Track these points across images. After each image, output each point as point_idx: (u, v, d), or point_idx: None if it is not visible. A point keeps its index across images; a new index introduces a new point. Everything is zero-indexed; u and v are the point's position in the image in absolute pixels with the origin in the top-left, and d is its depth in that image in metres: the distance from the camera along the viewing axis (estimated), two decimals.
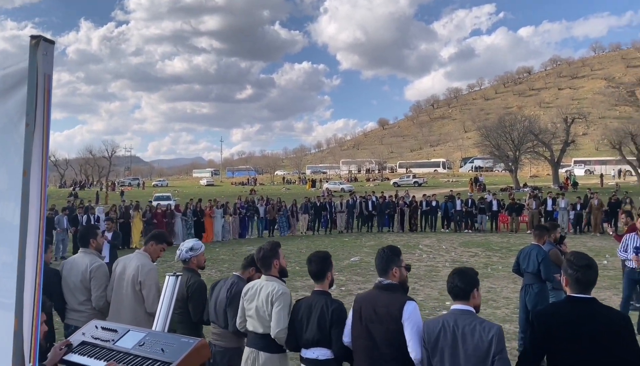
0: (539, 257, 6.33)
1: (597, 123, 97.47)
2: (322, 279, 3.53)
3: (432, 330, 2.92)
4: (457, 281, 2.94)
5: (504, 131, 47.05)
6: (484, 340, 2.77)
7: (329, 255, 3.61)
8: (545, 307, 3.00)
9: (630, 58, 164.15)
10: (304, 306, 3.49)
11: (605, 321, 2.66)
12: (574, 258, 2.85)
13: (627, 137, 46.59)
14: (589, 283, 2.77)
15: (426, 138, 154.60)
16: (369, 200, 22.51)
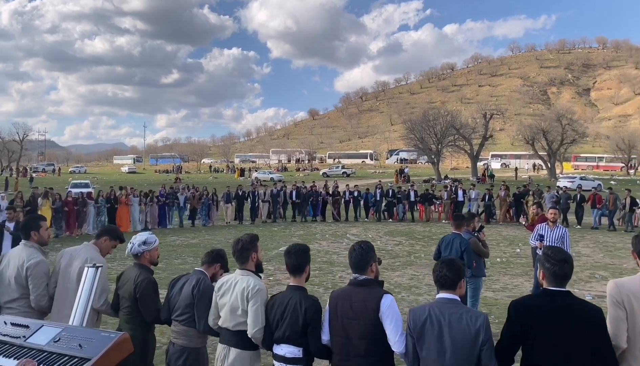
0: (462, 246, 6.61)
1: (513, 119, 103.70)
2: (300, 274, 3.41)
3: (418, 318, 2.93)
4: (447, 271, 2.96)
5: (427, 125, 48.80)
6: (472, 328, 2.80)
7: (308, 248, 3.52)
8: (523, 300, 2.99)
9: (544, 59, 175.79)
10: (278, 302, 3.36)
11: (582, 313, 2.74)
12: (551, 252, 2.91)
13: (540, 133, 49.88)
14: (565, 277, 2.84)
15: (355, 130, 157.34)
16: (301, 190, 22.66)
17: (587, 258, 13.45)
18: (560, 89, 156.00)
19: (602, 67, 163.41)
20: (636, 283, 2.87)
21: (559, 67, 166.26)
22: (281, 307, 3.31)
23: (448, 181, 37.78)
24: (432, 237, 17.10)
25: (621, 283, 2.91)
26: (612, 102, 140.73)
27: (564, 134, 48.89)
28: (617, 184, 38.22)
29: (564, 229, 8.18)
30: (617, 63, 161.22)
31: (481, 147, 50.44)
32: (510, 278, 10.87)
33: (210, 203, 21.18)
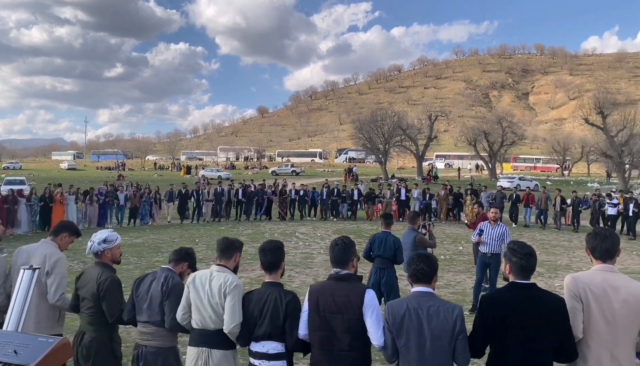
0: (396, 244, 6.85)
1: (456, 121, 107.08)
2: (276, 270, 3.40)
3: (396, 312, 2.97)
4: (423, 265, 3.04)
5: (375, 125, 49.56)
6: (449, 320, 2.89)
7: (282, 245, 3.51)
8: (493, 293, 3.13)
9: (486, 63, 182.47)
10: (255, 299, 3.32)
11: (547, 304, 2.87)
12: (517, 246, 3.03)
13: (481, 135, 51.75)
14: (531, 270, 2.98)
15: (304, 128, 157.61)
16: (247, 186, 22.43)
17: None
18: (501, 92, 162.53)
19: (540, 72, 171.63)
20: (591, 277, 3.00)
21: (500, 72, 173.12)
22: (259, 304, 3.28)
23: (395, 180, 38.55)
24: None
25: (578, 277, 3.04)
26: (549, 107, 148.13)
27: (504, 136, 50.93)
28: (552, 184, 40.25)
29: (504, 227, 8.54)
30: (554, 69, 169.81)
31: (426, 148, 51.77)
32: (454, 274, 11.22)
33: (152, 202, 20.54)
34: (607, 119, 40.73)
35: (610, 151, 39.70)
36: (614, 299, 2.90)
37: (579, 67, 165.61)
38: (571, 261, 13.45)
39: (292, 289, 9.39)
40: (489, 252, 8.44)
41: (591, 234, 3.17)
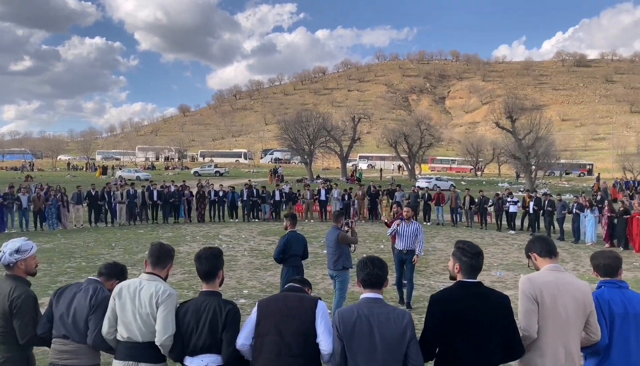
0: (304, 241, 7.43)
1: (378, 123, 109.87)
2: (213, 279, 3.22)
3: (347, 320, 2.93)
4: (378, 269, 3.03)
5: (301, 126, 49.78)
6: (399, 326, 2.88)
7: (220, 252, 3.32)
8: (442, 293, 3.11)
9: (406, 68, 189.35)
10: (192, 309, 3.14)
11: (494, 302, 2.97)
12: (467, 246, 3.10)
13: (401, 137, 53.56)
14: (479, 269, 3.06)
15: (228, 128, 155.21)
16: (163, 188, 21.64)
17: (442, 252, 14.72)
18: (420, 96, 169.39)
19: (455, 78, 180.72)
20: (545, 277, 3.14)
21: (419, 77, 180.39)
22: (196, 315, 3.11)
23: (320, 180, 38.93)
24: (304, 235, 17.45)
25: (533, 277, 3.16)
26: (464, 111, 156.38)
27: (422, 138, 53.04)
28: (466, 184, 42.45)
29: (417, 225, 9.02)
30: (468, 75, 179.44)
31: (350, 149, 52.78)
32: None
33: (59, 205, 19.16)
34: (516, 123, 43.57)
35: (519, 153, 42.51)
36: (565, 296, 3.07)
37: (491, 73, 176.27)
38: (484, 257, 14.21)
39: None
40: (404, 249, 8.81)
41: (532, 239, 3.40)
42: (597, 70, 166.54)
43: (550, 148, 44.54)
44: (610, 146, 78.21)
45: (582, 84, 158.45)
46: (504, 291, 3.28)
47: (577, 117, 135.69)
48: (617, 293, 3.30)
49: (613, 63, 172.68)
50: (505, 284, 10.42)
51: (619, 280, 3.41)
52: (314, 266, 12.21)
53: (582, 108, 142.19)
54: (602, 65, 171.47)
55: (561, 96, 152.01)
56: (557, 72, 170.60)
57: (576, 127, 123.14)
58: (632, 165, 50.29)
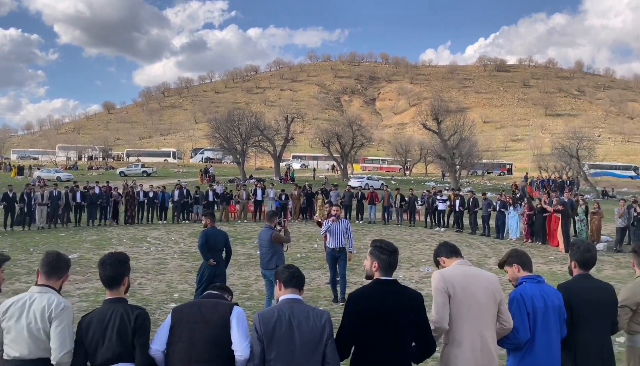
0: (225, 237, 7.84)
1: (311, 123, 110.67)
2: (118, 286, 3.08)
3: (267, 321, 2.94)
4: (299, 272, 3.16)
5: (233, 125, 49.11)
6: (318, 325, 2.94)
7: (127, 258, 3.16)
8: (360, 291, 3.14)
9: (338, 69, 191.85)
10: (96, 320, 2.95)
11: (408, 299, 3.07)
12: (384, 245, 3.16)
13: (334, 137, 54.24)
14: (395, 266, 3.15)
15: (156, 126, 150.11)
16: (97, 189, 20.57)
17: None
18: (352, 97, 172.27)
19: (385, 80, 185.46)
20: (454, 271, 3.34)
21: (350, 78, 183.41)
22: (101, 324, 2.94)
23: (253, 180, 38.60)
24: (237, 236, 17.25)
25: (444, 272, 3.33)
26: (393, 112, 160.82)
27: (354, 138, 53.98)
28: (396, 183, 43.69)
29: (347, 223, 9.27)
30: (397, 77, 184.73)
31: (283, 149, 52.75)
32: (309, 272, 11.56)
33: None
34: (442, 124, 45.44)
35: (444, 153, 44.37)
36: (476, 286, 3.25)
37: (418, 76, 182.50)
38: (412, 253, 14.71)
39: (144, 297, 8.90)
40: (336, 247, 8.97)
41: (437, 247, 3.63)
42: (516, 75, 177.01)
43: (473, 149, 46.88)
44: (528, 147, 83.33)
45: (502, 88, 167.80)
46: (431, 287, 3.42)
47: (497, 119, 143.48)
48: (537, 288, 3.45)
49: (530, 69, 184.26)
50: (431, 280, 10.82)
51: (537, 275, 3.59)
52: (247, 267, 12.11)
53: (502, 111, 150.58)
54: (520, 70, 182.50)
55: (483, 99, 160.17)
56: (479, 76, 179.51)
57: (497, 129, 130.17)
58: (547, 165, 53.88)
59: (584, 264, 3.69)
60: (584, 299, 3.53)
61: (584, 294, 3.55)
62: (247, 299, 9.11)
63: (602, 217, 17.31)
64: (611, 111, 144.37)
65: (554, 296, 3.47)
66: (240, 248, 15.03)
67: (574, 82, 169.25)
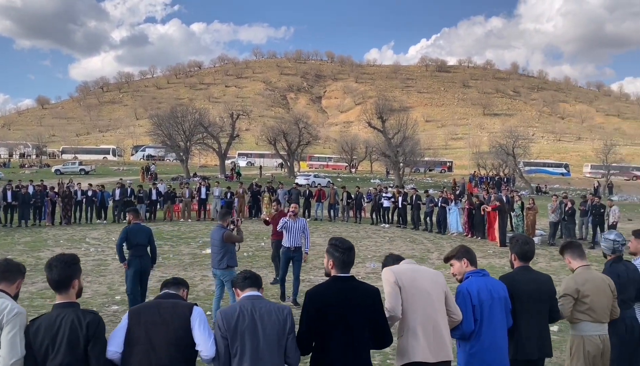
0: (148, 233, 7.86)
1: (257, 121, 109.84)
2: (67, 289, 2.90)
3: (230, 317, 2.98)
4: (251, 272, 3.28)
5: (175, 122, 47.90)
6: (280, 319, 3.02)
7: (76, 259, 3.00)
8: (317, 288, 3.18)
9: (284, 66, 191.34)
10: (45, 326, 2.78)
11: (366, 294, 3.15)
12: (339, 242, 3.24)
13: (280, 134, 54.07)
14: (350, 263, 3.24)
15: (95, 122, 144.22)
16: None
17: (320, 247, 15.13)
18: (298, 95, 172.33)
19: (331, 78, 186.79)
20: (402, 267, 3.52)
21: (296, 76, 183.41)
22: (50, 331, 2.76)
23: (197, 178, 37.84)
24: (181, 236, 16.89)
25: (393, 268, 3.48)
26: (339, 110, 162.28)
27: (300, 136, 54.02)
28: (342, 181, 44.16)
29: (304, 221, 9.10)
30: (342, 76, 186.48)
31: (229, 146, 52.00)
32: (257, 270, 11.45)
33: None
34: (386, 123, 46.31)
35: (388, 151, 45.26)
36: (423, 279, 3.42)
37: (363, 75, 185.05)
38: (359, 250, 14.91)
39: (84, 300, 8.55)
40: (292, 246, 8.75)
41: (385, 258, 3.81)
42: (456, 75, 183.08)
43: (415, 147, 48.09)
44: (467, 145, 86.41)
45: (443, 88, 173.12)
46: (377, 282, 3.52)
47: (439, 118, 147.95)
48: (482, 281, 3.62)
49: (469, 70, 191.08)
50: (378, 275, 10.99)
51: (482, 269, 3.77)
52: (192, 267, 11.90)
53: (443, 110, 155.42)
54: (459, 71, 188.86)
55: (425, 99, 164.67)
56: (421, 76, 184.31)
57: (438, 128, 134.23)
58: (485, 162, 56.11)
59: (523, 256, 3.89)
60: (525, 290, 3.73)
61: (524, 286, 3.75)
62: (193, 299, 8.93)
63: (537, 212, 18.22)
64: (544, 111, 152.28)
65: (500, 289, 3.64)
66: (184, 247, 14.73)
67: (510, 83, 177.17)
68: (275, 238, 10.31)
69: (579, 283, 3.97)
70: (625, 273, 4.35)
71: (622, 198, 39.86)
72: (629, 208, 29.22)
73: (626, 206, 29.99)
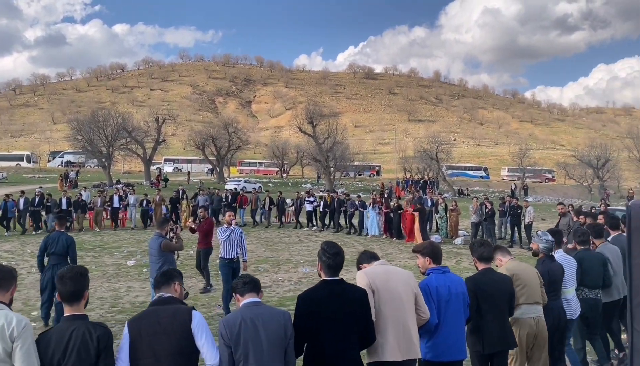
0: (68, 241, 7.57)
1: (184, 125, 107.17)
2: (78, 301, 2.88)
3: (232, 325, 3.01)
4: (250, 277, 3.30)
5: (97, 126, 45.67)
6: (281, 324, 3.09)
7: (86, 270, 3.04)
8: (308, 292, 3.32)
9: (212, 70, 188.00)
10: (56, 339, 2.73)
11: (355, 296, 3.31)
12: (327, 247, 3.36)
13: (209, 139, 52.98)
14: (338, 267, 3.34)
15: (6, 127, 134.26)
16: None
17: (252, 254, 14.98)
18: (227, 99, 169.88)
19: (260, 83, 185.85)
20: (376, 270, 3.68)
21: (225, 79, 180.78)
22: (61, 344, 2.72)
23: (121, 185, 36.25)
24: (105, 246, 16.12)
25: (367, 271, 3.66)
26: (269, 115, 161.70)
27: (230, 141, 53.25)
28: (274, 186, 44.03)
29: (240, 231, 8.72)
30: (272, 81, 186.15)
31: (154, 152, 50.27)
32: (185, 279, 11.14)
33: None
34: (316, 128, 46.73)
35: (319, 156, 45.71)
36: (395, 282, 3.60)
37: (293, 81, 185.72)
38: (291, 255, 14.93)
39: None
40: (234, 257, 8.37)
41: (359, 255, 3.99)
42: (382, 82, 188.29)
43: (345, 152, 48.95)
44: (393, 150, 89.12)
45: (371, 95, 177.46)
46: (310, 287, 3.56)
47: (367, 124, 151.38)
48: (442, 278, 3.90)
49: (394, 77, 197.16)
50: (310, 280, 11.07)
51: (443, 266, 4.02)
52: (117, 279, 11.41)
53: (371, 116, 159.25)
54: (386, 78, 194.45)
55: (354, 105, 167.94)
56: (350, 83, 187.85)
57: (366, 133, 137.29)
58: (411, 166, 58.08)
59: (482, 258, 4.30)
60: (487, 291, 4.13)
61: (487, 287, 4.14)
62: (119, 312, 8.56)
63: (459, 214, 19.12)
64: (464, 117, 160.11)
65: (458, 285, 3.95)
66: (108, 258, 14.07)
67: (433, 91, 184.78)
68: (201, 246, 10.12)
69: (513, 270, 4.46)
70: (554, 269, 4.88)
71: (536, 199, 42.71)
72: (543, 208, 31.35)
73: (540, 206, 32.15)
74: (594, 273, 5.46)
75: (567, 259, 5.24)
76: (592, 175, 48.12)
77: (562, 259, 5.15)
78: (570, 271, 5.15)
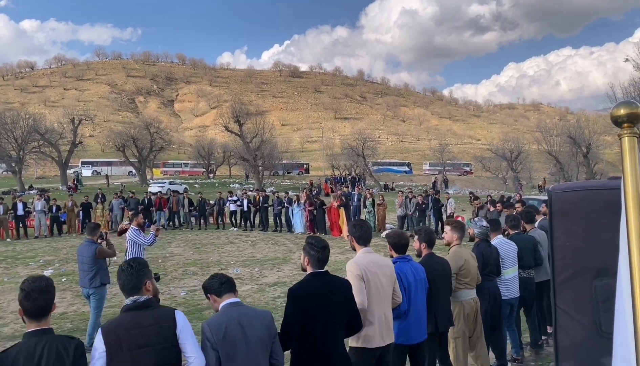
0: None
1: (102, 126, 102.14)
2: (46, 315, 2.64)
3: (217, 328, 2.96)
4: (226, 276, 3.25)
5: (5, 129, 42.45)
6: (265, 324, 3.10)
7: (51, 281, 2.78)
8: (298, 285, 3.41)
9: (131, 68, 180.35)
10: (24, 358, 2.47)
11: (340, 287, 3.47)
12: (315, 241, 3.48)
13: (130, 140, 50.81)
14: (325, 260, 3.47)
15: None
16: None
17: (180, 257, 14.61)
18: (147, 98, 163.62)
19: (183, 81, 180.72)
20: (364, 259, 3.83)
21: (145, 78, 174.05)
22: (31, 361, 2.47)
23: (34, 191, 33.93)
24: (17, 257, 15.02)
25: (357, 260, 3.81)
26: (193, 114, 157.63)
27: (152, 141, 51.44)
28: (200, 187, 43.05)
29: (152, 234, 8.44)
30: (195, 79, 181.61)
31: (70, 154, 47.54)
32: (114, 285, 10.67)
33: None
34: (243, 127, 46.23)
35: (247, 155, 45.25)
36: (380, 273, 3.82)
37: (217, 79, 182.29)
38: (221, 256, 14.68)
39: None
40: None
41: (355, 225, 4.03)
42: (308, 81, 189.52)
43: (274, 150, 48.86)
44: (321, 148, 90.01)
45: (297, 93, 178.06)
46: (243, 287, 3.58)
47: (294, 122, 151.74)
48: (407, 266, 4.23)
49: (320, 76, 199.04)
50: (242, 280, 10.94)
51: (407, 255, 4.35)
52: None
53: (298, 114, 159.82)
54: (311, 77, 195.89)
55: (280, 103, 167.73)
56: (276, 81, 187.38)
57: (294, 131, 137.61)
58: (339, 163, 58.98)
59: (430, 243, 4.66)
60: (436, 273, 4.48)
61: (435, 270, 4.49)
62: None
63: (386, 208, 19.69)
64: (387, 114, 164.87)
65: (421, 271, 4.31)
66: (22, 269, 13.14)
67: (357, 89, 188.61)
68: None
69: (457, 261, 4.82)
70: (488, 252, 5.34)
71: (456, 191, 44.87)
72: (462, 199, 32.94)
73: (460, 198, 33.75)
74: (526, 254, 6.02)
75: (508, 243, 5.75)
76: (507, 167, 51.32)
77: (502, 243, 5.66)
78: (511, 254, 5.67)
